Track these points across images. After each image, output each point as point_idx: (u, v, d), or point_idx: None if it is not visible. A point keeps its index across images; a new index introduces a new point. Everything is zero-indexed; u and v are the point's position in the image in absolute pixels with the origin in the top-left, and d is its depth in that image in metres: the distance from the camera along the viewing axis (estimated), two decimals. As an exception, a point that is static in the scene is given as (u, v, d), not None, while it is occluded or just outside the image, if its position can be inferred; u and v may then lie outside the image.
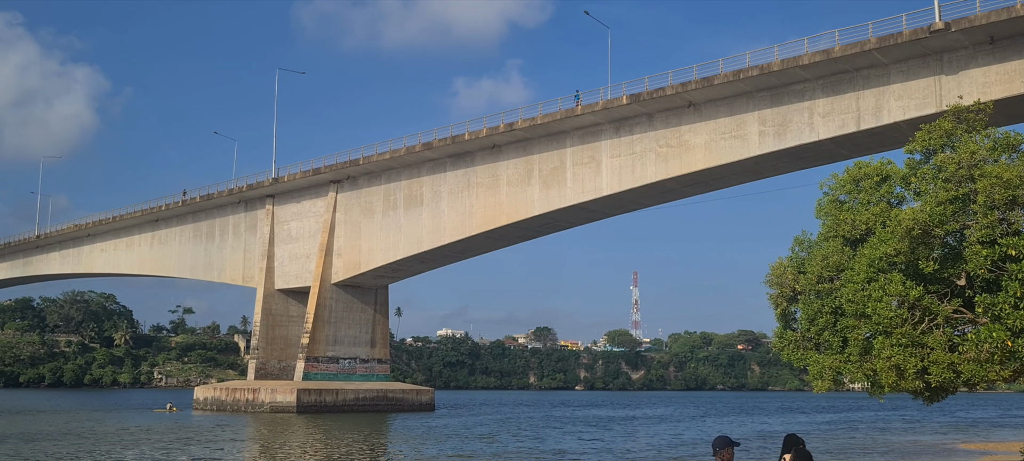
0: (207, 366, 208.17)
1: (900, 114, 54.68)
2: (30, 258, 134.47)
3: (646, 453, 52.42)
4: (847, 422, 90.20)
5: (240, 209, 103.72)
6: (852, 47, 54.76)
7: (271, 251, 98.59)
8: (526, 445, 56.67)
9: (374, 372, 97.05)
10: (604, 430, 73.54)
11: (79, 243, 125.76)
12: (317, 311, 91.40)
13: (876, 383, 28.19)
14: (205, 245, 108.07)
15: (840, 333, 28.47)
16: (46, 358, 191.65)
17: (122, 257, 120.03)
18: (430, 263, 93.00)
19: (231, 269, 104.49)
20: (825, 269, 28.70)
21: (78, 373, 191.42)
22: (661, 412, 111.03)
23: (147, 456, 45.77)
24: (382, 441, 58.74)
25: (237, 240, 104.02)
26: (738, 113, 62.64)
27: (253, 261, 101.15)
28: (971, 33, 50.62)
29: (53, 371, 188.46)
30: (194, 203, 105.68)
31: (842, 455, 52.68)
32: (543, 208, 74.95)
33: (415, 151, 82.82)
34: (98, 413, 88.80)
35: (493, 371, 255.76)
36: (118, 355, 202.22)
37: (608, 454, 51.24)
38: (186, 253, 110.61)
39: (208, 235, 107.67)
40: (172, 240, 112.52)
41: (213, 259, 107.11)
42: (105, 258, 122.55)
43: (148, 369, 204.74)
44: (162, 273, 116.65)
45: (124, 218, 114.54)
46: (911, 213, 26.10)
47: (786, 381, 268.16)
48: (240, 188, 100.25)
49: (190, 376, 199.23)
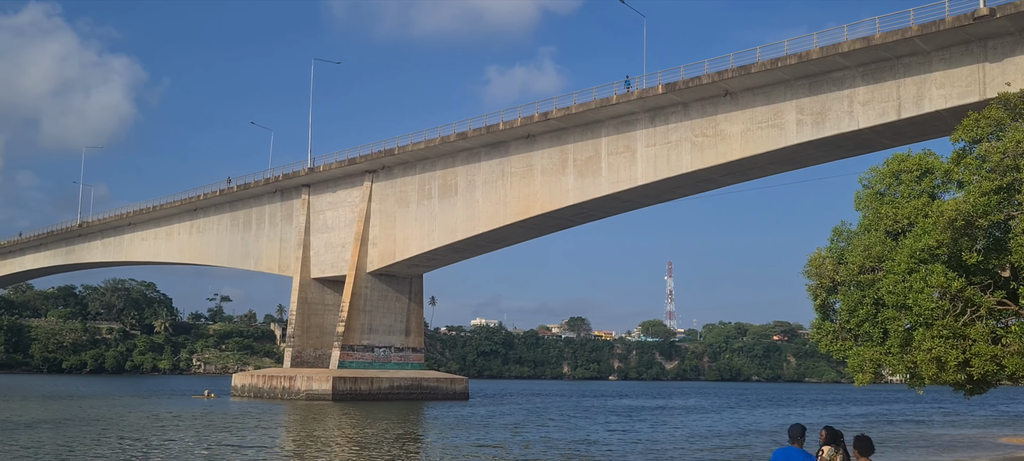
0: (244, 354, 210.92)
1: (942, 102, 53.68)
2: (73, 246, 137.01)
3: (670, 443, 52.18)
4: (885, 415, 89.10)
5: (277, 199, 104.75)
6: (893, 34, 53.80)
7: (307, 240, 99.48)
8: (553, 434, 56.68)
9: (408, 361, 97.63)
10: (632, 420, 73.32)
11: (120, 232, 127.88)
12: (352, 300, 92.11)
13: (916, 375, 27.82)
14: (242, 234, 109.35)
15: (880, 325, 28.10)
16: (88, 345, 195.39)
17: (162, 246, 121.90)
18: (464, 253, 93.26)
19: (268, 258, 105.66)
20: (866, 260, 28.33)
21: (119, 360, 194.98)
22: (693, 403, 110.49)
23: (187, 440, 46.51)
24: (415, 429, 59.13)
25: (273, 229, 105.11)
26: (775, 102, 61.92)
27: (289, 250, 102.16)
28: (1016, 19, 49.44)
29: (95, 358, 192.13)
30: (231, 193, 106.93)
31: (879, 448, 51.97)
32: (578, 198, 74.75)
33: (450, 141, 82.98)
34: (138, 399, 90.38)
35: (527, 361, 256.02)
36: (158, 342, 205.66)
37: (635, 444, 51.10)
38: (224, 242, 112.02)
39: (245, 224, 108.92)
40: (210, 229, 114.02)
41: (250, 248, 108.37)
42: (145, 247, 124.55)
43: (187, 356, 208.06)
44: (200, 261, 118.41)
45: (164, 207, 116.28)
46: (954, 204, 25.66)
47: (823, 373, 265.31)
48: (276, 178, 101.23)
49: (227, 363, 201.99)
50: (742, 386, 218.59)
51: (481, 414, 75.57)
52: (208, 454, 40.86)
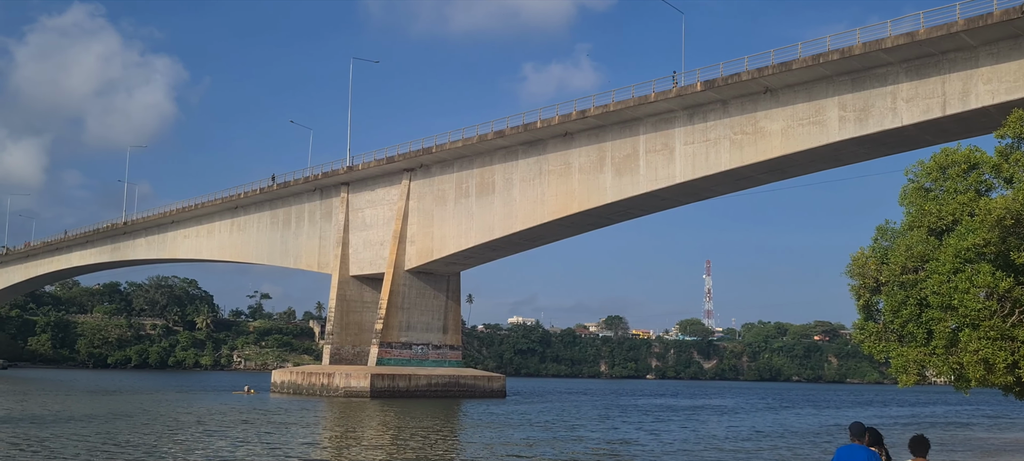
0: (283, 350, 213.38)
1: (989, 98, 52.52)
2: (118, 244, 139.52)
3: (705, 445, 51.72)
4: (928, 417, 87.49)
5: (316, 197, 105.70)
6: (938, 29, 52.76)
7: (346, 238, 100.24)
8: (587, 434, 56.46)
9: (446, 358, 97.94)
10: (667, 421, 72.83)
11: (164, 230, 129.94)
12: (391, 297, 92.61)
13: (962, 377, 27.25)
14: (281, 232, 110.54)
15: (925, 325, 27.56)
16: (132, 341, 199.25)
17: (204, 243, 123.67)
18: (501, 251, 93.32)
19: (307, 256, 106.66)
20: (909, 259, 27.80)
21: (163, 355, 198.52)
22: (730, 403, 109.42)
23: (231, 434, 47.15)
24: (451, 426, 59.30)
25: (313, 227, 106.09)
26: (817, 98, 61.08)
27: (328, 248, 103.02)
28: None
29: (139, 353, 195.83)
30: (271, 191, 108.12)
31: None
32: (615, 196, 74.40)
33: (487, 139, 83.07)
34: (181, 394, 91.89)
35: (564, 359, 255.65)
36: (200, 338, 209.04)
37: (666, 444, 50.73)
38: (264, 240, 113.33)
39: (285, 222, 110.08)
40: (250, 227, 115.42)
41: (289, 246, 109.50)
42: (188, 244, 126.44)
43: (228, 352, 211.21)
44: (241, 259, 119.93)
45: (205, 206, 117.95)
46: (1002, 202, 25.07)
47: (865, 374, 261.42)
48: (316, 176, 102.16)
49: (267, 360, 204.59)
50: (782, 386, 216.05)
51: (519, 412, 75.58)
52: (251, 448, 41.36)
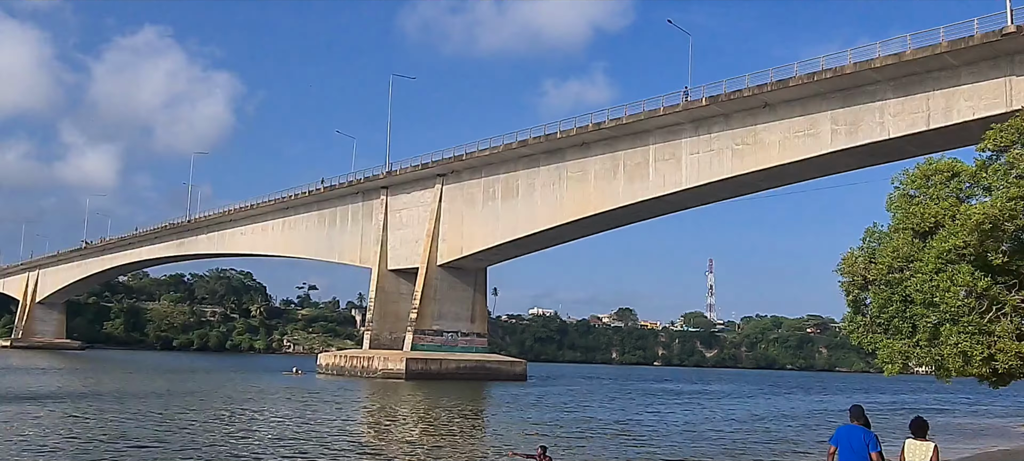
0: (328, 336, 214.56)
1: (970, 114, 51.83)
2: (183, 239, 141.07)
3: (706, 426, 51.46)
4: (912, 404, 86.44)
5: (358, 199, 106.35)
6: (923, 51, 52.21)
7: (384, 236, 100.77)
8: (597, 414, 56.33)
9: (473, 345, 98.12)
10: (675, 403, 72.54)
11: (223, 227, 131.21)
12: (424, 289, 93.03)
13: (943, 367, 26.96)
14: (327, 230, 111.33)
15: (909, 320, 27.30)
16: (195, 326, 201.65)
17: (258, 240, 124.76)
18: (524, 249, 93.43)
19: (350, 251, 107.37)
20: (895, 260, 27.55)
21: (221, 339, 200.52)
22: (729, 388, 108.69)
23: (281, 410, 47.62)
24: (477, 405, 59.55)
25: (355, 226, 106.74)
26: (811, 113, 60.62)
27: (369, 244, 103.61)
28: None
29: (200, 337, 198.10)
30: (318, 193, 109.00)
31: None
32: (627, 199, 74.30)
33: (512, 148, 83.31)
34: (238, 374, 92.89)
35: (579, 346, 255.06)
36: (254, 325, 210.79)
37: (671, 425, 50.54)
38: (311, 237, 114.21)
39: (330, 221, 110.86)
40: (300, 226, 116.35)
41: (334, 242, 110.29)
42: (244, 240, 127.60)
43: (279, 337, 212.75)
44: (291, 254, 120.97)
45: (260, 206, 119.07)
46: (981, 208, 24.82)
47: (852, 363, 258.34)
48: (358, 181, 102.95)
49: (314, 344, 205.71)
50: (777, 374, 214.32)
51: (537, 393, 75.60)
52: (302, 422, 41.69)
